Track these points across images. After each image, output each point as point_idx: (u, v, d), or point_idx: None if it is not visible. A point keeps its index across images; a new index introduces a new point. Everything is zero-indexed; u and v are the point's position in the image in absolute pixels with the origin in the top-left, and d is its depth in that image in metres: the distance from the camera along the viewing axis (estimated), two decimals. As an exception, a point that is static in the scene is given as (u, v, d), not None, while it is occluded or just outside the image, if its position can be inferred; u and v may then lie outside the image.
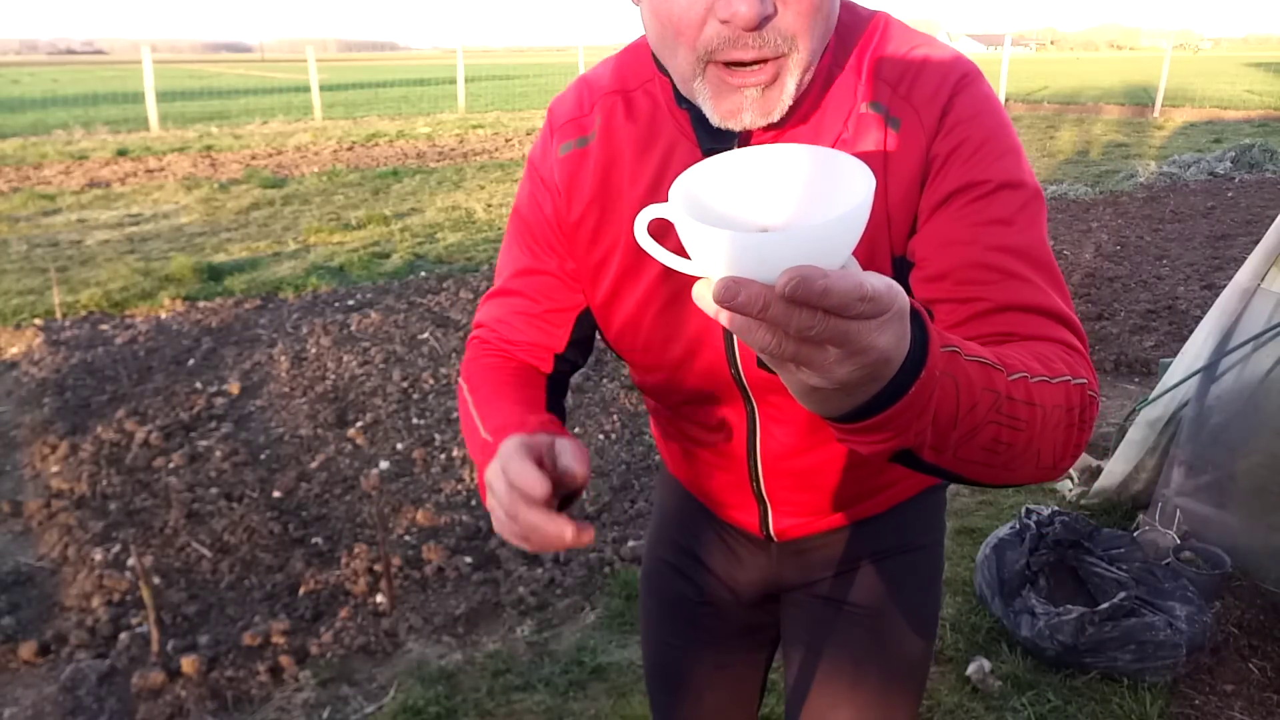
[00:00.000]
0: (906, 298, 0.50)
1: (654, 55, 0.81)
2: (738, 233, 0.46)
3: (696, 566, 1.11)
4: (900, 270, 0.80)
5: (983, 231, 0.75)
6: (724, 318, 0.47)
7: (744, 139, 0.79)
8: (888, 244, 0.79)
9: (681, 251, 0.54)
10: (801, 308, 0.44)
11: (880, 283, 0.46)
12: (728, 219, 0.56)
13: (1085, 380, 0.69)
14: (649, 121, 0.86)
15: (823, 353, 0.47)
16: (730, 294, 0.44)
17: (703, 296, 0.49)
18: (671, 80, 0.80)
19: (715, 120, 0.75)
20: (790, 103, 0.74)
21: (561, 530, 0.65)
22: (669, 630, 1.15)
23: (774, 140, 0.79)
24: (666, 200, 0.53)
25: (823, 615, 1.06)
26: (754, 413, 0.91)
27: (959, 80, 0.78)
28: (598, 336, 0.97)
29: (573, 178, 0.89)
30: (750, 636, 1.15)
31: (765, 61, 0.71)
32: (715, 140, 0.80)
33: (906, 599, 1.05)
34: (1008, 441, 0.63)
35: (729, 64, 0.72)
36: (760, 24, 0.68)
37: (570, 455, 0.70)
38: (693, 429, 0.98)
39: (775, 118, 0.74)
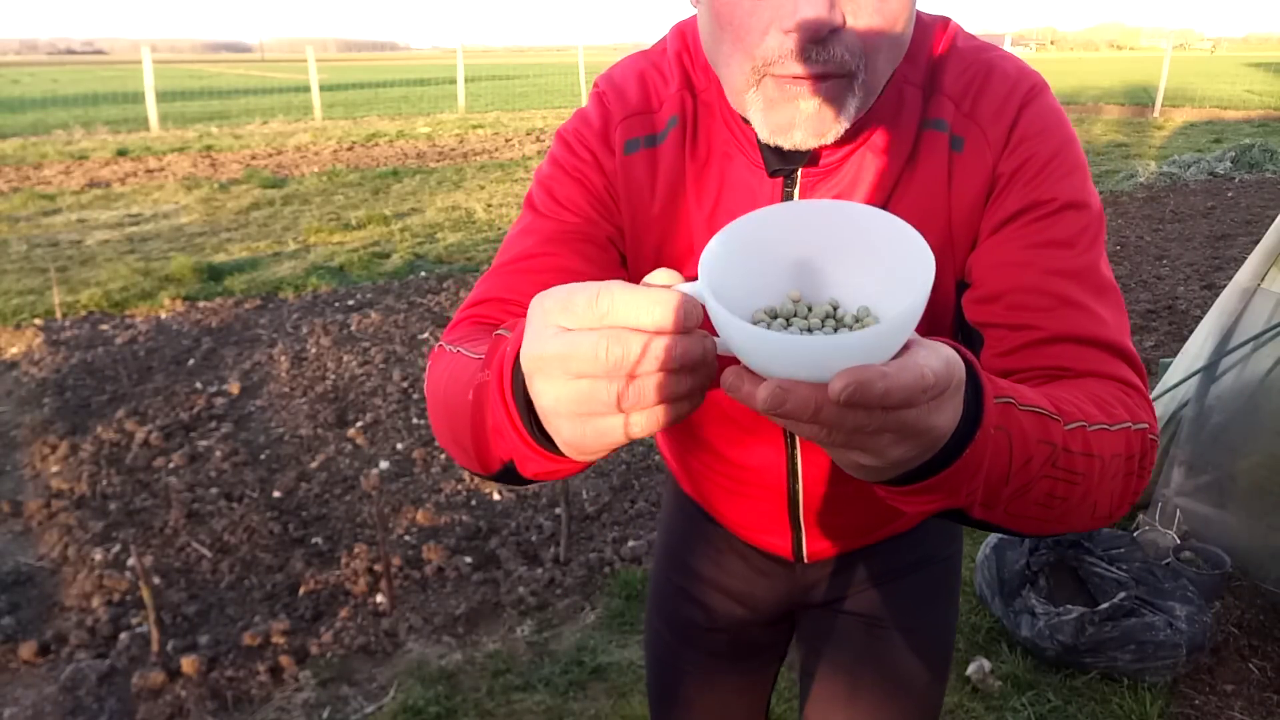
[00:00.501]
0: (963, 367, 0.47)
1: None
2: (784, 335, 0.43)
3: (711, 591, 1.06)
4: (959, 292, 0.77)
5: (1042, 254, 0.71)
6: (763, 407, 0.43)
7: (811, 159, 0.74)
8: (951, 270, 0.76)
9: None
10: (857, 409, 0.41)
11: (939, 363, 0.43)
12: (762, 286, 0.50)
13: (1146, 425, 0.66)
14: (713, 132, 0.79)
15: (877, 439, 0.45)
16: (776, 401, 0.41)
17: (736, 388, 0.44)
18: None
19: (764, 135, 0.69)
20: (848, 126, 0.68)
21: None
22: (678, 654, 1.11)
23: (842, 160, 0.75)
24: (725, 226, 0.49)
25: (844, 630, 1.03)
26: (795, 443, 0.87)
27: (1026, 94, 0.74)
28: None
29: (639, 185, 0.80)
30: (762, 654, 1.12)
31: (828, 78, 0.65)
32: (782, 160, 0.75)
33: (929, 613, 1.03)
34: (1063, 495, 0.59)
35: (787, 77, 0.65)
36: (827, 36, 0.62)
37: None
38: (723, 462, 0.92)
39: (829, 139, 0.68)
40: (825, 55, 0.63)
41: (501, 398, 0.53)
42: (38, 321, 4.76)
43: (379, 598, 2.45)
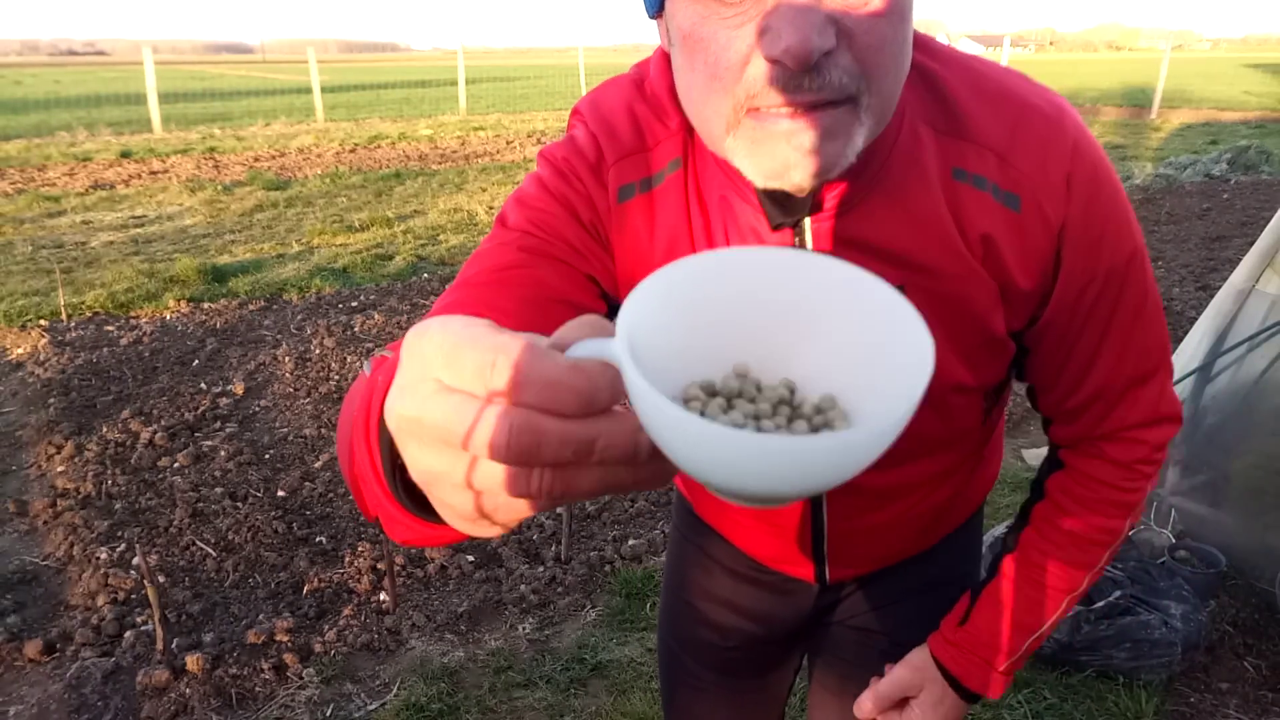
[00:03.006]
0: (932, 668, 0.78)
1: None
2: (713, 425, 0.31)
3: (726, 611, 1.04)
4: (1003, 346, 0.76)
5: (1114, 338, 0.74)
6: None
7: (816, 204, 0.67)
8: (1001, 320, 0.73)
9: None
10: None
11: (908, 679, 0.64)
12: (702, 352, 0.39)
13: (1123, 528, 0.82)
14: (713, 176, 0.71)
15: None
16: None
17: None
18: None
19: (757, 181, 0.61)
20: (854, 158, 0.59)
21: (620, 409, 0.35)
22: (692, 672, 1.09)
23: (854, 203, 0.67)
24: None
25: (855, 646, 1.02)
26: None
27: (1071, 131, 0.68)
28: None
29: (635, 232, 0.72)
30: (777, 670, 1.11)
31: (825, 106, 0.56)
32: (784, 211, 0.68)
33: None
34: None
35: (773, 109, 0.57)
36: (816, 60, 0.54)
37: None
38: (742, 509, 0.88)
39: (833, 174, 0.59)
40: (820, 81, 0.55)
41: (366, 440, 0.43)
42: (43, 323, 4.79)
43: (382, 596, 2.47)
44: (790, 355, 0.40)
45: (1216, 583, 2.36)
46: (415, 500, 0.43)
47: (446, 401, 0.34)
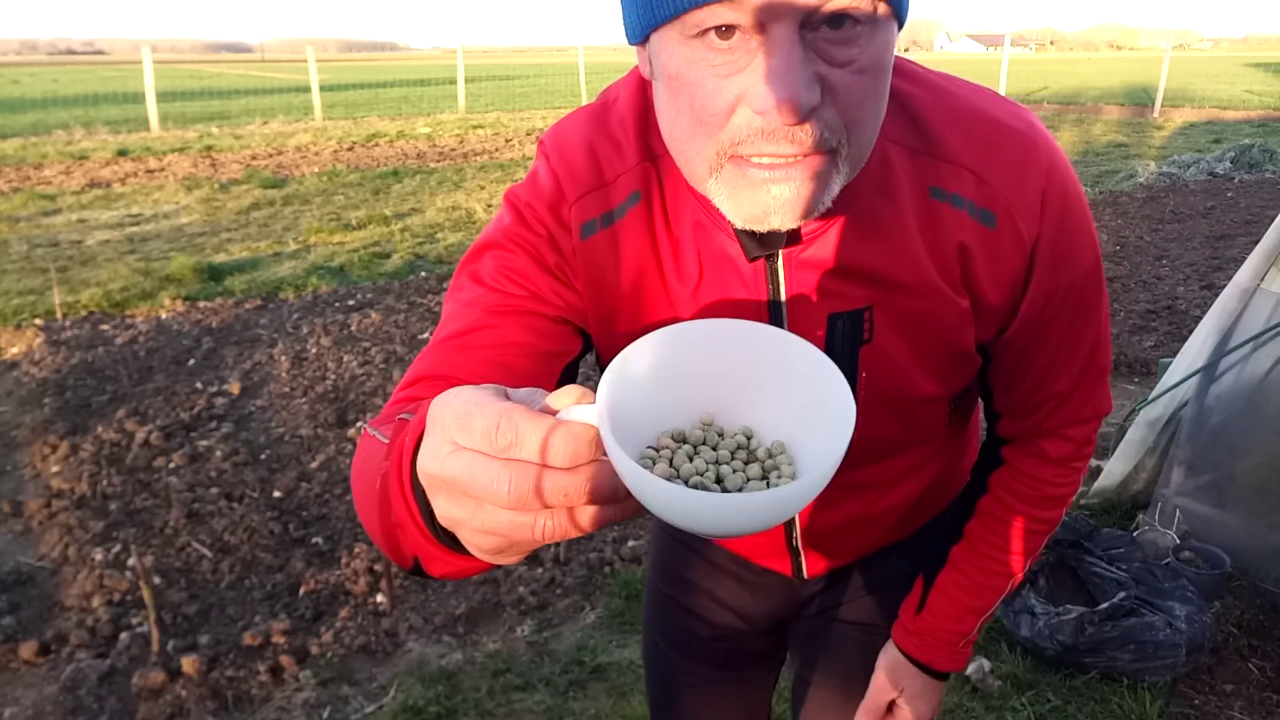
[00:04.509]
0: (904, 663, 0.94)
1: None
2: (673, 488, 0.40)
3: (707, 603, 1.06)
4: (970, 358, 0.80)
5: (1074, 344, 0.79)
6: None
7: (792, 236, 0.69)
8: (971, 334, 0.76)
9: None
10: None
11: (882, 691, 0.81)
12: (675, 404, 0.48)
13: (1060, 516, 0.90)
14: (683, 204, 0.72)
15: None
16: None
17: None
18: None
19: (736, 223, 0.63)
20: (829, 205, 0.62)
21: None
22: (676, 664, 1.11)
23: (825, 232, 0.70)
24: (710, 309, 0.49)
25: (837, 637, 1.04)
26: None
27: (1044, 149, 0.71)
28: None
29: (601, 266, 0.74)
30: (761, 662, 1.13)
31: (806, 157, 0.58)
32: (760, 243, 0.69)
33: None
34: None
35: (756, 159, 0.59)
36: (805, 116, 0.56)
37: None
38: None
39: (809, 218, 0.62)
40: (803, 135, 0.57)
41: (401, 492, 0.50)
42: (38, 321, 4.76)
43: (379, 597, 2.45)
44: (748, 406, 0.49)
45: (1221, 584, 2.34)
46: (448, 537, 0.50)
47: (459, 460, 0.42)
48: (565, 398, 0.44)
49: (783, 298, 0.73)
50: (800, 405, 0.47)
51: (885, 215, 0.70)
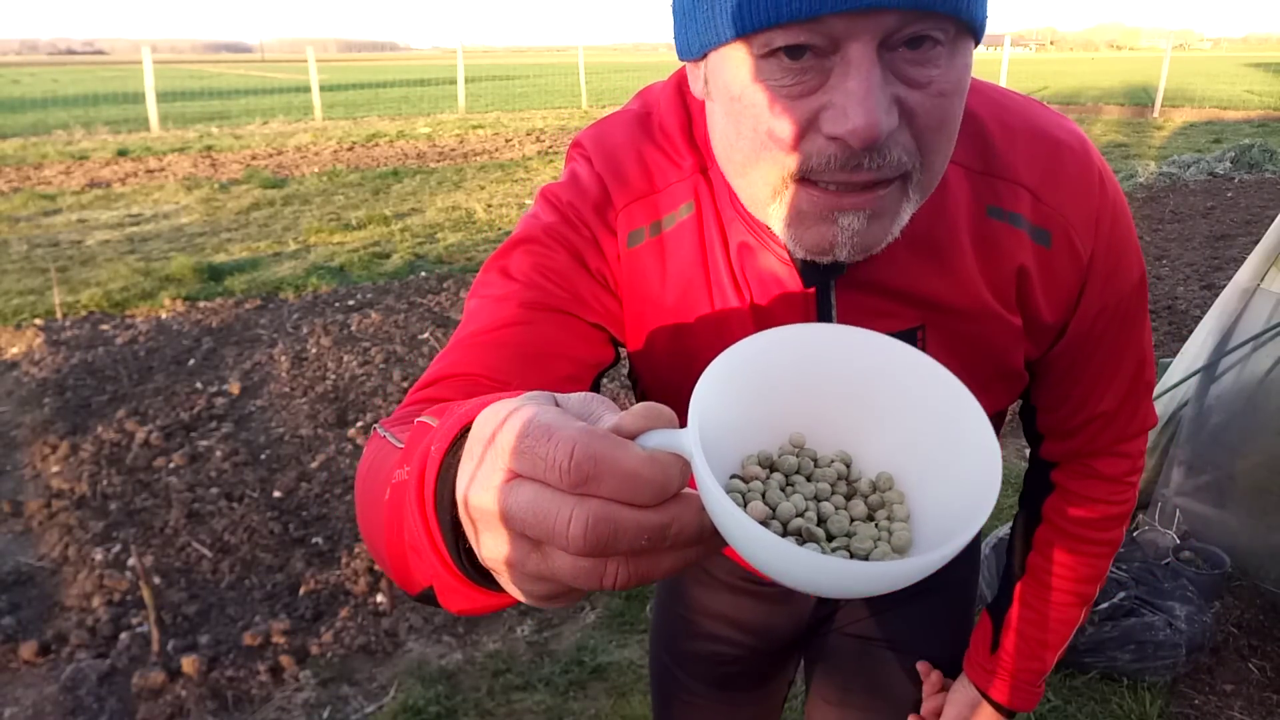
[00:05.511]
0: (981, 702, 0.90)
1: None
2: (787, 546, 0.33)
3: (722, 625, 1.04)
4: (1019, 377, 0.78)
5: (1121, 360, 0.78)
6: None
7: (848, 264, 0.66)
8: (1021, 352, 0.75)
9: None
10: None
11: None
12: (760, 422, 0.41)
13: (1121, 536, 0.87)
14: (733, 219, 0.69)
15: None
16: None
17: None
18: None
19: (798, 253, 0.61)
20: (898, 235, 0.59)
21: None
22: (687, 687, 1.09)
23: (881, 255, 0.63)
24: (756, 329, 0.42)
25: (848, 653, 1.02)
26: None
27: (1099, 169, 0.70)
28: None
29: (645, 277, 0.70)
30: (772, 681, 1.11)
31: (880, 185, 0.56)
32: (820, 273, 0.66)
33: (941, 634, 1.02)
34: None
35: (826, 187, 0.56)
36: (883, 140, 0.53)
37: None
38: None
39: (875, 251, 0.60)
40: (879, 160, 0.54)
41: (422, 513, 0.41)
42: (38, 321, 4.76)
43: (379, 597, 2.45)
44: (845, 428, 0.41)
45: (1221, 584, 2.34)
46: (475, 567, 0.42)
47: (522, 494, 0.35)
48: (636, 420, 0.36)
49: (833, 318, 0.71)
50: (914, 432, 0.40)
51: (941, 237, 0.68)
